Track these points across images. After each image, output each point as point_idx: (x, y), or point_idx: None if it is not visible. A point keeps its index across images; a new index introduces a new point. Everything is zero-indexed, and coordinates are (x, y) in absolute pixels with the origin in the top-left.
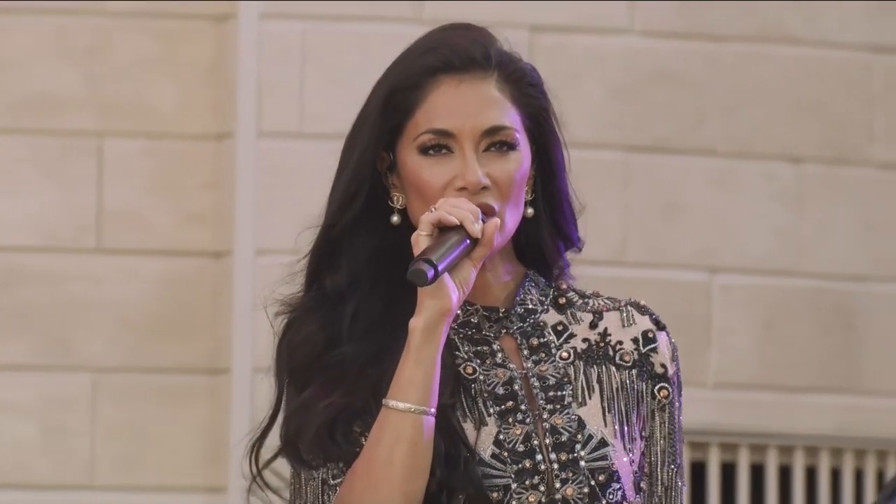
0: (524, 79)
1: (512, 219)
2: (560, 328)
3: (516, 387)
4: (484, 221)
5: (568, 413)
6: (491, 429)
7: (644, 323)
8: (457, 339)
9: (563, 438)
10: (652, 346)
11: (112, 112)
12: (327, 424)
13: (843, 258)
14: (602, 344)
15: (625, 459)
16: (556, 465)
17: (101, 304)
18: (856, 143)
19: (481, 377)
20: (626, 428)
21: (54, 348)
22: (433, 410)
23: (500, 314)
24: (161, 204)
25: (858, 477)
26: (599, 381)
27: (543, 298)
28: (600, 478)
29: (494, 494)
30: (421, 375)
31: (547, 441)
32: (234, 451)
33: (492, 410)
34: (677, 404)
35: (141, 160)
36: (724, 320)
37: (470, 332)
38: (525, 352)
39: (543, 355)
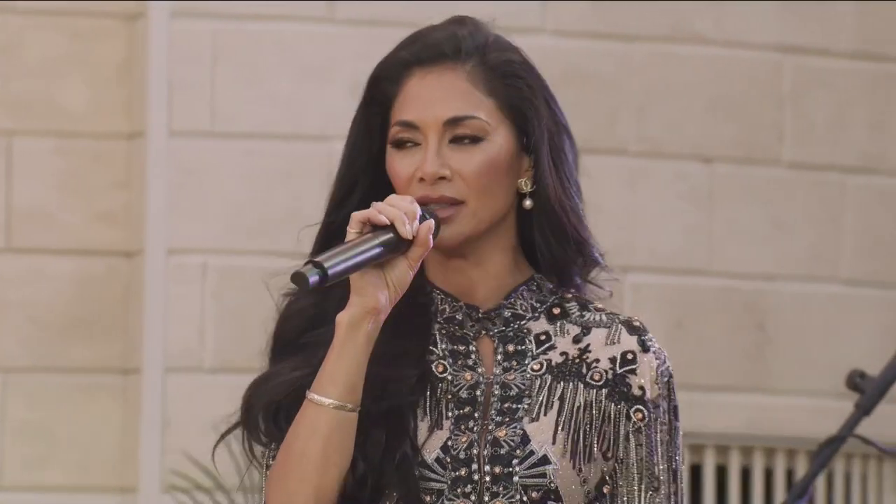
0: (501, 69)
1: (486, 210)
2: (543, 338)
3: (478, 392)
4: (430, 219)
5: (515, 426)
6: (444, 433)
7: (628, 343)
8: (437, 335)
9: (502, 451)
10: (630, 367)
11: (21, 111)
12: (275, 402)
13: (753, 257)
14: (578, 360)
15: (571, 478)
16: (488, 478)
17: (10, 304)
18: (765, 142)
19: (450, 377)
20: (580, 447)
21: None
22: (351, 406)
23: (481, 314)
24: (72, 203)
25: (768, 475)
26: (562, 398)
27: (538, 305)
28: (534, 494)
29: (427, 498)
30: (342, 371)
31: (485, 452)
32: (144, 451)
33: (450, 414)
34: (661, 427)
35: (51, 159)
36: None
37: (452, 329)
38: (499, 357)
39: (515, 363)
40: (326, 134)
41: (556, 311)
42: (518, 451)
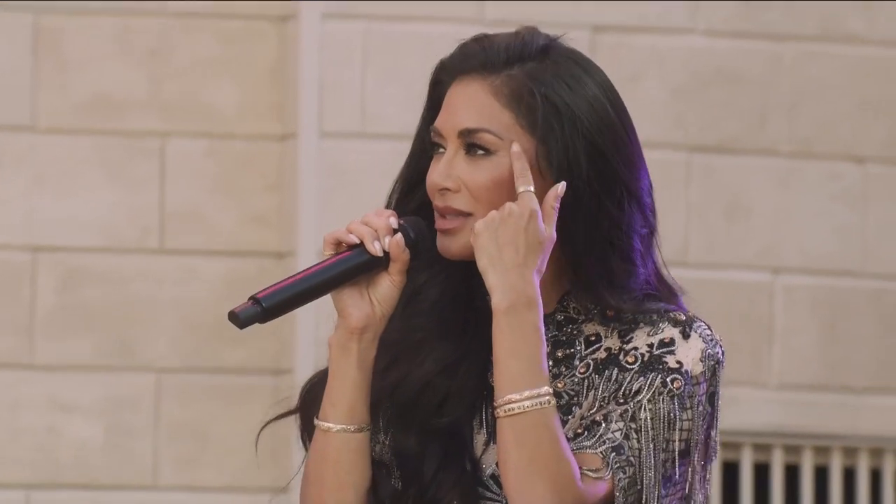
0: (529, 83)
1: None
2: (593, 339)
3: None
4: (407, 235)
5: None
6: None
7: (670, 333)
8: None
9: None
10: (668, 349)
11: (174, 113)
12: (315, 401)
13: None
14: (618, 351)
15: None
16: None
17: (164, 305)
18: None
19: None
20: None
21: (117, 349)
22: (355, 427)
23: None
24: (224, 204)
25: None
26: (603, 396)
27: (592, 306)
28: None
29: None
30: (339, 394)
31: None
32: (296, 452)
33: None
34: (697, 405)
35: (203, 161)
36: (786, 321)
37: None
38: (550, 363)
39: (564, 369)
40: None
41: (610, 312)
42: None
